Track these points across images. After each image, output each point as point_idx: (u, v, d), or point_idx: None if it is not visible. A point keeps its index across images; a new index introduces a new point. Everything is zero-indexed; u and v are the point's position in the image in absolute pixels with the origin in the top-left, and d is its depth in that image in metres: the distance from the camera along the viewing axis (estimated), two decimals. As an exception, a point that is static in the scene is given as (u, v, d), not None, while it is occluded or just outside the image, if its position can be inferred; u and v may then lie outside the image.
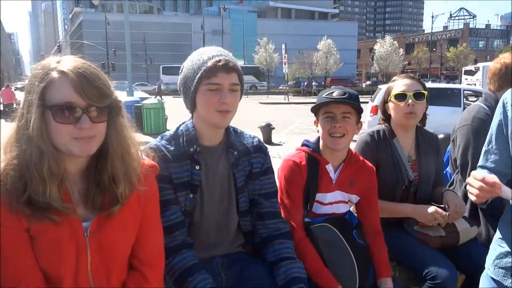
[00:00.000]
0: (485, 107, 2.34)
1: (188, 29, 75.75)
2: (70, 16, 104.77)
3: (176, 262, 1.50)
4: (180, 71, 1.62)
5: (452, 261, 2.04)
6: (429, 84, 16.50)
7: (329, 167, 1.90)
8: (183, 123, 1.66)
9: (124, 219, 1.30)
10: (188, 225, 1.59)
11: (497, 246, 1.50)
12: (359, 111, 1.85)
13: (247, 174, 1.68)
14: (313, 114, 1.96)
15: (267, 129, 11.64)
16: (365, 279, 1.76)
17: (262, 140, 1.80)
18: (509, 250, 1.43)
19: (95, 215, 1.26)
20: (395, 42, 52.77)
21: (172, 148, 1.58)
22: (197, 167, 1.58)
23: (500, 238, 1.49)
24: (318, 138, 1.96)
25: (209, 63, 1.49)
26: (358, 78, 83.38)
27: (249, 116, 13.47)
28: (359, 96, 1.87)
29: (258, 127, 11.83)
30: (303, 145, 1.98)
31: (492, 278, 1.50)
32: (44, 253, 1.19)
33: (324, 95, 1.84)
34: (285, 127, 14.46)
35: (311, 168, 1.87)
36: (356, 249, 1.78)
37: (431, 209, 2.05)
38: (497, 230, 1.53)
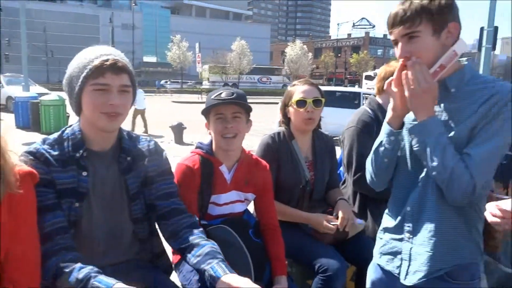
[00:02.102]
0: (369, 110, 2.55)
1: (96, 21, 71.23)
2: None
3: (53, 261, 1.35)
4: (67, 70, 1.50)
5: (343, 254, 2.20)
6: (333, 88, 17.72)
7: (223, 168, 1.92)
8: (69, 126, 1.55)
9: None
10: (74, 235, 1.47)
11: (382, 234, 1.64)
12: (248, 110, 1.89)
13: (142, 179, 1.61)
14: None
15: (179, 129, 11.42)
16: (260, 276, 1.82)
17: (174, 139, 1.74)
18: (392, 237, 1.58)
19: None
20: (305, 46, 55.43)
21: (55, 153, 1.45)
22: (84, 174, 1.47)
23: (384, 227, 1.64)
24: (211, 140, 1.97)
25: (96, 62, 1.40)
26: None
27: (160, 115, 13.08)
28: (271, 96, 1.91)
29: (169, 127, 11.57)
30: (197, 147, 1.98)
31: (378, 265, 1.64)
32: None
33: (212, 97, 1.85)
34: (198, 127, 14.32)
35: (204, 171, 1.87)
36: (252, 248, 1.82)
37: (323, 221, 2.17)
38: (382, 221, 1.67)
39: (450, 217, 1.43)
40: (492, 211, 1.31)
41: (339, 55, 67.50)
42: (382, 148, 1.52)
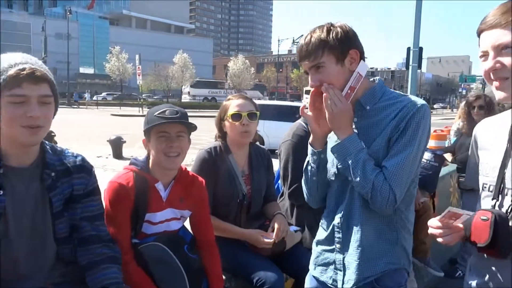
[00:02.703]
0: (304, 124, 2.62)
1: (27, 29, 67.27)
2: None
3: None
4: None
5: (281, 266, 2.22)
6: (275, 102, 18.11)
7: (159, 186, 1.86)
8: None
9: None
10: None
11: (315, 246, 1.70)
12: (192, 130, 1.86)
13: (67, 197, 1.51)
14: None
15: (118, 143, 10.99)
16: None
17: (112, 154, 1.66)
18: (324, 249, 1.63)
19: None
20: (247, 61, 56.28)
21: None
22: (0, 192, 1.36)
23: (317, 239, 1.69)
24: (147, 156, 1.91)
25: (11, 72, 1.30)
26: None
27: (98, 128, 12.53)
28: (212, 110, 1.87)
29: (107, 141, 11.10)
30: (131, 163, 1.90)
31: (314, 276, 1.68)
32: None
33: (155, 114, 1.79)
34: (138, 141, 13.87)
35: (139, 188, 1.80)
36: (187, 264, 1.78)
37: (259, 237, 2.19)
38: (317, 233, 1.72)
39: (375, 226, 1.51)
40: (433, 224, 1.35)
41: (280, 70, 69.39)
42: (309, 167, 1.62)
